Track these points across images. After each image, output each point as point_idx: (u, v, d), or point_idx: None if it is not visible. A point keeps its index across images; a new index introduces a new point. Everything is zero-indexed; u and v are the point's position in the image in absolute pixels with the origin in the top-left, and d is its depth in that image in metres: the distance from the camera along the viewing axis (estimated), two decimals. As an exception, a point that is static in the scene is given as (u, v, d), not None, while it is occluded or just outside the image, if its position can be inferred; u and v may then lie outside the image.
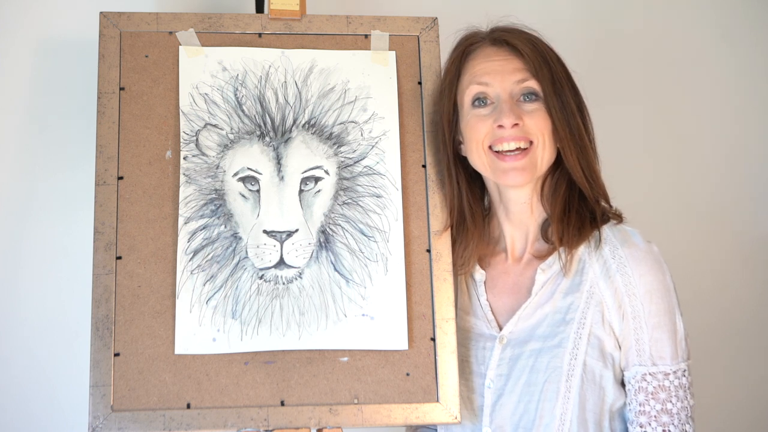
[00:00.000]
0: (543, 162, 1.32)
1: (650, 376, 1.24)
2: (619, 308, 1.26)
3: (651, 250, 1.29)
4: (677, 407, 1.23)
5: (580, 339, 1.26)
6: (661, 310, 1.25)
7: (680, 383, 1.24)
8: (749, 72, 1.97)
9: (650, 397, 1.23)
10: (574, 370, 1.26)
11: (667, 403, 1.23)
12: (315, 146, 1.38)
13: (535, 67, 1.31)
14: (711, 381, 1.93)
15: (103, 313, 1.29)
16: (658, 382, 1.24)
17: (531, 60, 1.31)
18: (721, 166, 1.94)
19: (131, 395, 1.27)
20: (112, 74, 1.37)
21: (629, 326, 1.25)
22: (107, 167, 1.33)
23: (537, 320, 1.30)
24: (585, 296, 1.28)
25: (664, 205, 1.89)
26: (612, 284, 1.27)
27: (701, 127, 1.94)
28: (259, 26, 1.42)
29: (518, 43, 1.32)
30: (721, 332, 1.92)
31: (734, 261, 1.94)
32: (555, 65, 1.33)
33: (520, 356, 1.29)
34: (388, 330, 1.33)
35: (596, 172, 1.34)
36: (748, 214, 1.96)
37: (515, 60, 1.32)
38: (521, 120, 1.29)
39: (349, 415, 1.29)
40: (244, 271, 1.33)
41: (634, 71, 1.90)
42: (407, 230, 1.37)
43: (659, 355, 1.24)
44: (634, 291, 1.25)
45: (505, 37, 1.34)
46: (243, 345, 1.30)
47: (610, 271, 1.27)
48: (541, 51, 1.33)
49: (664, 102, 1.91)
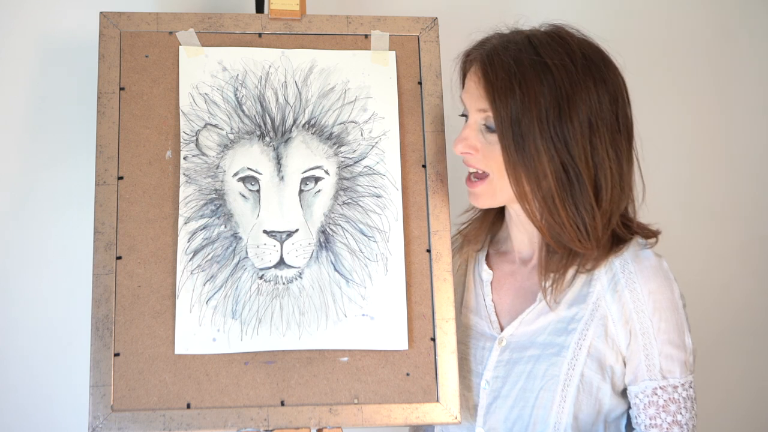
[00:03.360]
0: (504, 192, 1.25)
1: (661, 390, 1.23)
2: (626, 324, 1.24)
3: (661, 265, 1.26)
4: (686, 418, 1.23)
5: (580, 350, 1.25)
6: (671, 327, 1.24)
7: (688, 395, 1.24)
8: (749, 72, 1.97)
9: (661, 410, 1.23)
10: (571, 380, 1.25)
11: (677, 415, 1.23)
12: (315, 146, 1.38)
13: (493, 99, 1.20)
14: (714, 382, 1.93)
15: (103, 313, 1.29)
16: (668, 395, 1.23)
17: (490, 91, 1.20)
18: (721, 166, 1.95)
19: (131, 395, 1.27)
20: (112, 74, 1.37)
21: (638, 343, 1.24)
22: (107, 167, 1.34)
23: (539, 327, 1.29)
24: (590, 308, 1.26)
25: (666, 205, 1.89)
26: (620, 299, 1.25)
27: (702, 127, 1.94)
28: (259, 26, 1.42)
29: (487, 69, 1.22)
30: (724, 333, 1.92)
31: (737, 261, 1.94)
32: (528, 94, 1.18)
33: (519, 361, 1.29)
34: (388, 330, 1.33)
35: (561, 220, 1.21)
36: (751, 215, 1.96)
37: (480, 85, 1.23)
38: (475, 150, 1.25)
39: (349, 415, 1.29)
40: (244, 271, 1.33)
41: (641, 70, 1.90)
42: (407, 230, 1.37)
43: (669, 369, 1.23)
44: (642, 308, 1.24)
45: (478, 56, 1.26)
46: (243, 345, 1.30)
47: (618, 285, 1.25)
48: (513, 77, 1.19)
49: (665, 102, 1.91)
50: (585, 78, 1.20)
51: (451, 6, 1.69)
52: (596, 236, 1.22)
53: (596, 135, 1.20)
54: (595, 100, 1.20)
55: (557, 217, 1.22)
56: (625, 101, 1.25)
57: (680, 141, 1.92)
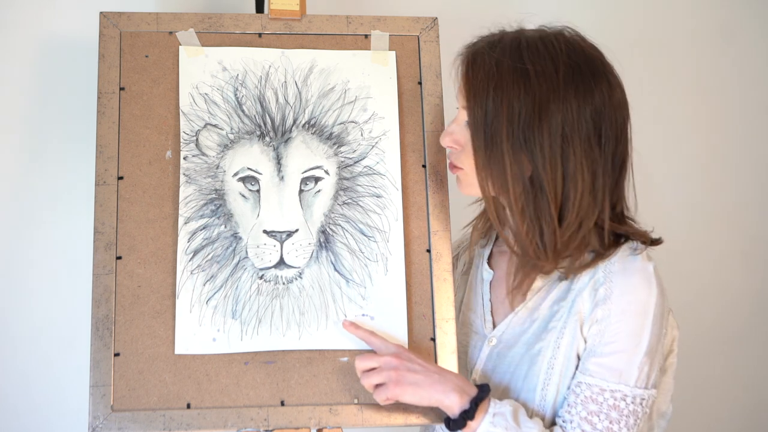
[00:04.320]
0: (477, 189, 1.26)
1: (586, 386, 1.19)
2: (593, 317, 1.21)
3: (644, 269, 1.21)
4: (603, 425, 1.16)
5: (558, 349, 1.23)
6: (628, 331, 1.18)
7: (615, 405, 1.17)
8: (749, 73, 1.97)
9: (578, 401, 1.19)
10: (550, 379, 1.24)
11: (592, 416, 1.17)
12: (315, 146, 1.38)
13: (468, 96, 1.21)
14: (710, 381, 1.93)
15: (103, 313, 1.29)
16: (590, 394, 1.18)
17: (465, 90, 1.22)
18: (724, 166, 1.95)
19: (131, 395, 1.27)
20: (112, 74, 1.37)
21: (591, 331, 1.20)
22: (107, 167, 1.33)
23: (527, 326, 1.29)
24: (568, 305, 1.24)
25: (667, 206, 1.89)
26: (595, 296, 1.21)
27: (703, 127, 1.94)
28: (259, 26, 1.42)
29: (466, 69, 1.23)
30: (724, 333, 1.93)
31: (737, 262, 1.94)
32: (501, 95, 1.18)
33: (503, 360, 1.30)
34: (388, 330, 1.33)
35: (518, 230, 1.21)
36: (750, 215, 1.96)
37: (463, 82, 1.24)
38: (459, 145, 1.26)
39: (349, 415, 1.29)
40: (244, 271, 1.33)
41: (640, 71, 1.90)
42: (407, 230, 1.37)
43: (603, 370, 1.18)
44: (610, 306, 1.19)
45: (467, 54, 1.25)
46: (243, 345, 1.30)
47: (597, 283, 1.22)
48: (488, 77, 1.19)
49: (665, 103, 1.92)
50: (566, 87, 1.18)
51: (451, 6, 1.69)
52: (553, 248, 1.21)
53: (569, 145, 1.18)
54: (573, 110, 1.18)
55: (515, 224, 1.22)
56: (614, 112, 1.21)
57: (681, 143, 1.92)
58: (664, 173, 1.90)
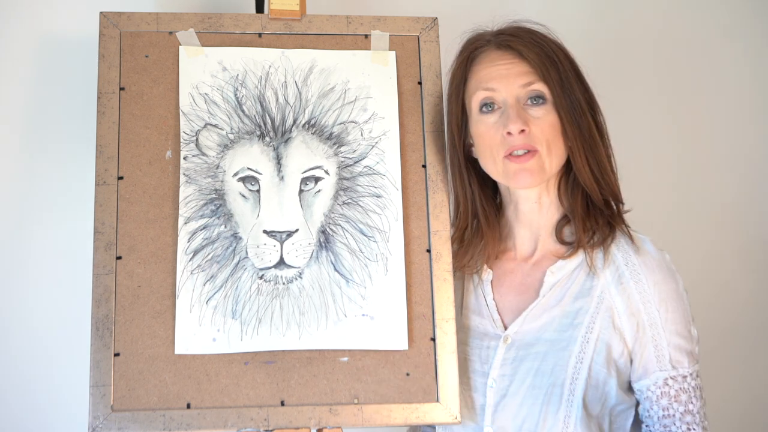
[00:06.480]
0: (551, 165, 1.30)
1: (672, 380, 1.26)
2: (632, 316, 1.26)
3: (664, 258, 1.30)
4: (697, 406, 1.26)
5: (588, 344, 1.26)
6: (678, 318, 1.27)
7: (696, 384, 1.27)
8: (754, 73, 1.97)
9: (673, 400, 1.26)
10: (579, 374, 1.26)
11: (688, 404, 1.26)
12: (315, 146, 1.38)
13: (542, 69, 1.30)
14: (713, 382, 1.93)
15: (103, 313, 1.29)
16: (679, 385, 1.26)
17: (537, 63, 1.30)
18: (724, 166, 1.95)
19: (131, 395, 1.27)
20: (112, 74, 1.37)
21: (646, 335, 1.26)
22: (107, 167, 1.34)
23: (545, 322, 1.30)
24: (595, 301, 1.28)
25: (669, 205, 1.89)
26: (624, 291, 1.27)
27: (705, 127, 1.94)
28: (259, 26, 1.42)
29: (523, 49, 1.30)
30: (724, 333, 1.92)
31: (737, 262, 1.94)
32: (563, 64, 1.31)
33: (526, 358, 1.29)
34: (388, 330, 1.33)
35: (607, 171, 1.33)
36: (753, 215, 1.96)
37: (520, 63, 1.31)
38: (527, 126, 1.28)
39: (349, 415, 1.29)
40: (244, 271, 1.33)
41: (639, 71, 1.90)
42: (407, 230, 1.37)
43: (678, 359, 1.26)
44: (649, 299, 1.26)
45: (509, 42, 1.32)
46: (243, 345, 1.30)
47: (623, 278, 1.28)
48: (548, 51, 1.31)
49: (669, 103, 1.91)
50: None
51: (451, 6, 1.69)
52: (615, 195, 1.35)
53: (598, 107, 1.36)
54: None
55: (605, 165, 1.32)
56: None
57: (678, 141, 1.92)
58: (662, 173, 1.90)
